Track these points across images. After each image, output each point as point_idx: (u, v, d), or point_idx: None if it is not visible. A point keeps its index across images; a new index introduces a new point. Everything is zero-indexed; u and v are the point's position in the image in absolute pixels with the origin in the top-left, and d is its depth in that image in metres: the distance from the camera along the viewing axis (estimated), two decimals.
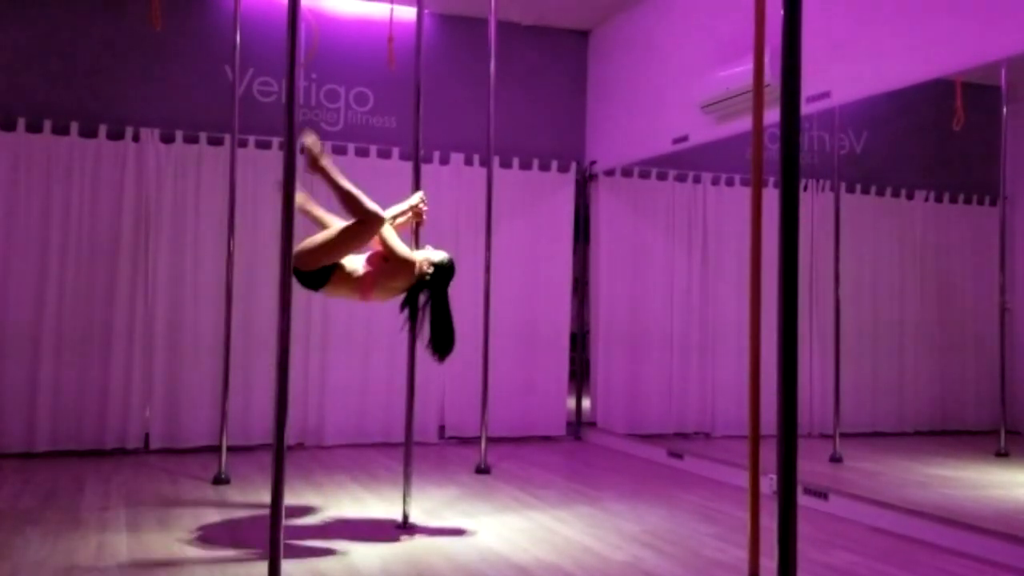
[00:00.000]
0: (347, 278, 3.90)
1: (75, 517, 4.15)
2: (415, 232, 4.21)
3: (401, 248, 3.95)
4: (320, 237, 3.84)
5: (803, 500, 4.58)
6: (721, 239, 6.89)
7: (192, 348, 6.05)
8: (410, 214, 4.18)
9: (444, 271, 4.06)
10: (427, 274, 4.01)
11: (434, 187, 6.36)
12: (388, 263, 3.95)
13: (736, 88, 5.30)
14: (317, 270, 3.82)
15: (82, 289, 5.86)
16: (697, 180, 6.91)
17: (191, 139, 6.16)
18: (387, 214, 3.96)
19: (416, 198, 4.19)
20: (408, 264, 3.96)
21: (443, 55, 6.81)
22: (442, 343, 4.04)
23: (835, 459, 5.68)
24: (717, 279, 6.89)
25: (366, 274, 3.94)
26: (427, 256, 4.06)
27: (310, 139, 3.81)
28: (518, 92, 7.05)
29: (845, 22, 4.70)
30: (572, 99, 7.32)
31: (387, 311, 4.17)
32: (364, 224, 3.75)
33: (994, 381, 5.70)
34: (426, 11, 6.08)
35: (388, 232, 3.92)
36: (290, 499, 4.53)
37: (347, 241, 3.78)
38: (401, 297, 4.08)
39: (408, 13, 6.07)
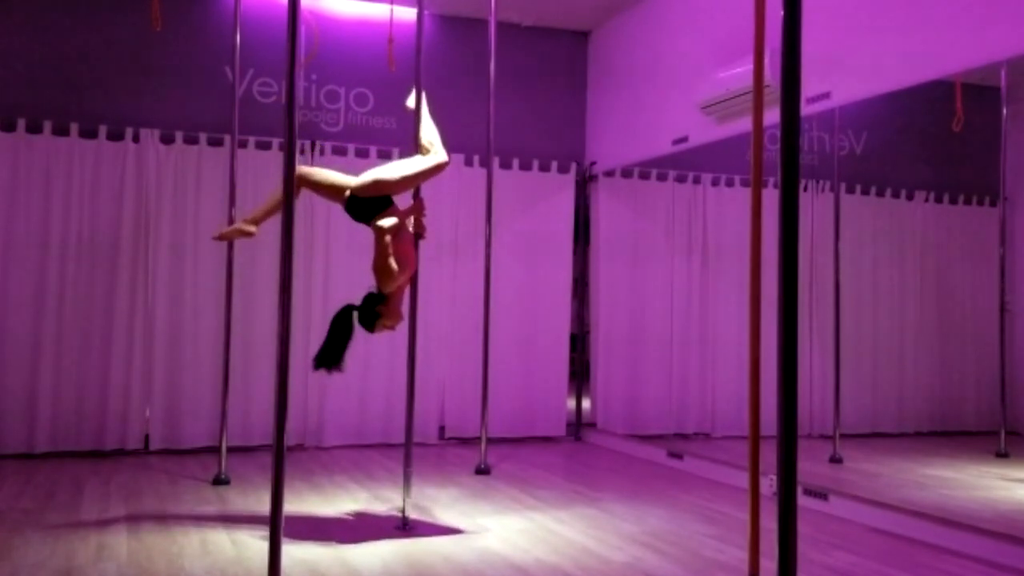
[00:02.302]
0: (391, 214, 4.03)
1: (75, 518, 4.15)
2: (416, 246, 4.20)
3: (391, 260, 3.94)
4: (404, 170, 4.10)
5: (803, 501, 4.58)
6: (721, 240, 6.89)
7: (192, 349, 6.05)
8: (412, 220, 4.18)
9: (369, 317, 4.03)
10: (380, 305, 4.01)
11: (434, 188, 6.35)
12: (374, 266, 3.97)
13: (736, 89, 5.30)
14: (374, 201, 4.03)
15: (82, 290, 5.86)
16: (697, 181, 6.91)
17: (191, 140, 6.17)
18: (387, 223, 3.96)
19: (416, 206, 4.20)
20: (387, 275, 3.94)
21: (443, 56, 6.81)
22: (325, 356, 4.01)
23: (835, 460, 5.68)
24: (717, 280, 6.89)
25: (394, 231, 3.97)
26: (399, 313, 4.08)
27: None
28: (518, 93, 7.05)
29: (845, 23, 4.70)
30: (572, 100, 7.32)
31: None
32: (441, 167, 4.18)
33: (994, 382, 5.69)
34: (426, 12, 6.08)
35: (385, 240, 3.94)
36: (290, 500, 4.53)
37: (425, 175, 4.14)
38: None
39: (408, 14, 6.07)
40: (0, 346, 5.70)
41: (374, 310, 4.03)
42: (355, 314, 4.05)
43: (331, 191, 4.18)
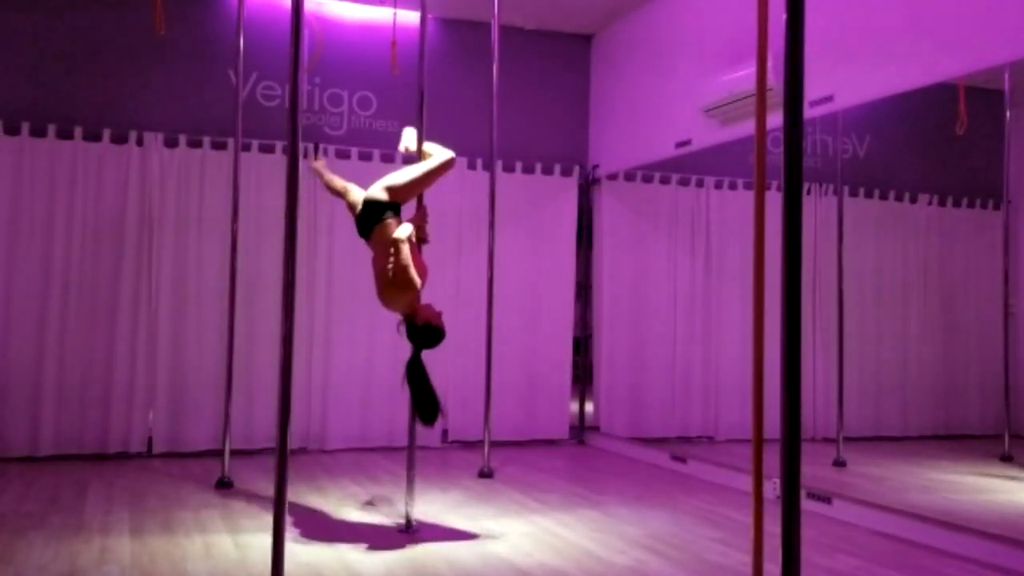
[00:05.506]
0: (390, 229, 3.97)
1: (78, 521, 4.15)
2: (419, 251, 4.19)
3: (411, 269, 3.88)
4: (414, 173, 4.13)
5: (806, 504, 4.57)
6: (724, 243, 6.89)
7: (195, 352, 6.05)
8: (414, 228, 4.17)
9: (430, 333, 3.98)
10: (417, 321, 3.97)
11: (437, 191, 6.36)
12: (395, 277, 3.88)
13: (739, 92, 5.30)
14: (380, 207, 4.00)
15: (86, 293, 5.87)
16: (700, 184, 6.90)
17: (195, 143, 6.17)
18: (403, 233, 3.94)
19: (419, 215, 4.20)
20: (410, 285, 3.88)
21: (446, 59, 6.82)
22: (424, 411, 3.97)
23: (838, 463, 5.67)
24: (720, 283, 6.89)
25: (400, 246, 3.89)
26: (431, 307, 4.04)
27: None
28: (521, 96, 7.06)
29: (848, 26, 4.70)
30: (575, 103, 7.33)
31: (390, 317, 4.16)
32: (449, 163, 4.22)
33: (998, 385, 5.68)
34: (429, 15, 6.09)
35: (405, 249, 3.90)
36: (293, 503, 4.53)
37: (435, 173, 4.19)
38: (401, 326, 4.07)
39: (411, 17, 6.08)
40: (4, 349, 5.71)
41: (419, 328, 3.98)
42: (413, 350, 4.00)
43: (350, 205, 4.25)
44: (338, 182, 4.45)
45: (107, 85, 6.11)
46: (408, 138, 4.51)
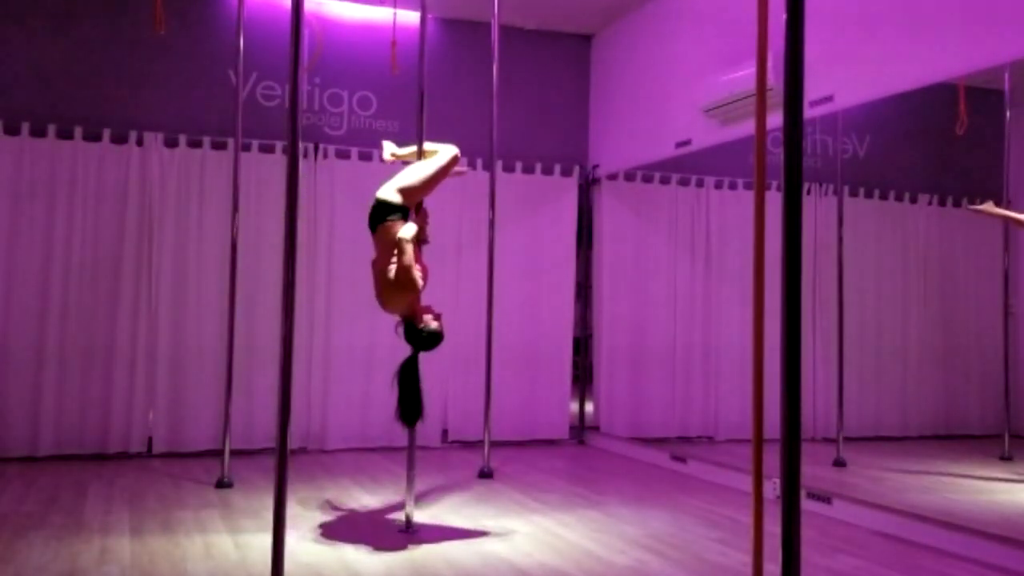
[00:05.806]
0: (394, 228, 3.93)
1: (78, 521, 4.15)
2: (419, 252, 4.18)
3: (414, 269, 3.85)
4: (424, 173, 4.14)
5: (807, 505, 4.57)
6: (724, 243, 6.89)
7: (195, 352, 6.05)
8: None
9: (429, 336, 4.00)
10: (417, 323, 3.97)
11: (437, 191, 6.35)
12: (397, 278, 3.85)
13: (739, 92, 5.30)
14: (389, 208, 3.97)
15: (86, 293, 5.87)
16: (700, 184, 6.90)
17: (195, 143, 6.17)
18: (408, 233, 3.92)
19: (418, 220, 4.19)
20: (412, 286, 3.86)
21: (446, 59, 6.82)
22: (407, 412, 3.99)
23: (838, 463, 5.67)
24: (720, 283, 6.89)
25: (404, 246, 3.84)
26: (431, 310, 4.04)
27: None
28: (521, 96, 7.05)
29: (848, 26, 4.70)
30: (575, 103, 7.33)
31: (390, 317, 4.16)
32: (455, 159, 4.27)
33: (998, 385, 5.68)
34: (429, 15, 6.09)
35: (409, 249, 3.86)
36: (293, 503, 4.53)
37: (444, 170, 4.22)
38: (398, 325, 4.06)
39: (411, 17, 6.08)
40: (4, 349, 5.71)
41: (419, 330, 3.99)
42: (411, 351, 4.02)
43: None
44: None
45: (107, 85, 6.10)
46: (389, 148, 4.51)
